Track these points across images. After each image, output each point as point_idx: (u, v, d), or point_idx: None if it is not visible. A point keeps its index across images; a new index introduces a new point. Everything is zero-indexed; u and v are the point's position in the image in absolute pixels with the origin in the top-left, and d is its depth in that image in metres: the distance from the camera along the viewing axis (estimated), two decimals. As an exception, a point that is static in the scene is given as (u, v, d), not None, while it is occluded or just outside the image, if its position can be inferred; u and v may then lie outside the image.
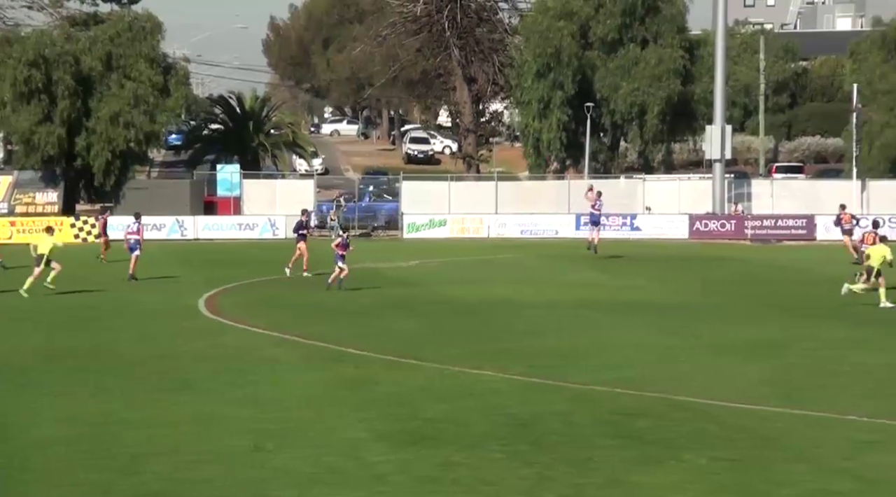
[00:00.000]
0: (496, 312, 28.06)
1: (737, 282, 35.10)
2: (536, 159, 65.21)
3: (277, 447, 15.15)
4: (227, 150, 65.20)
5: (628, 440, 15.19)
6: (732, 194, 55.90)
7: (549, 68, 62.81)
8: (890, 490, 12.87)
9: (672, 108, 63.66)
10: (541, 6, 65.19)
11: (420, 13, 65.86)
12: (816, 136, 77.82)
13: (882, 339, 23.39)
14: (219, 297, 31.34)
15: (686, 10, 65.74)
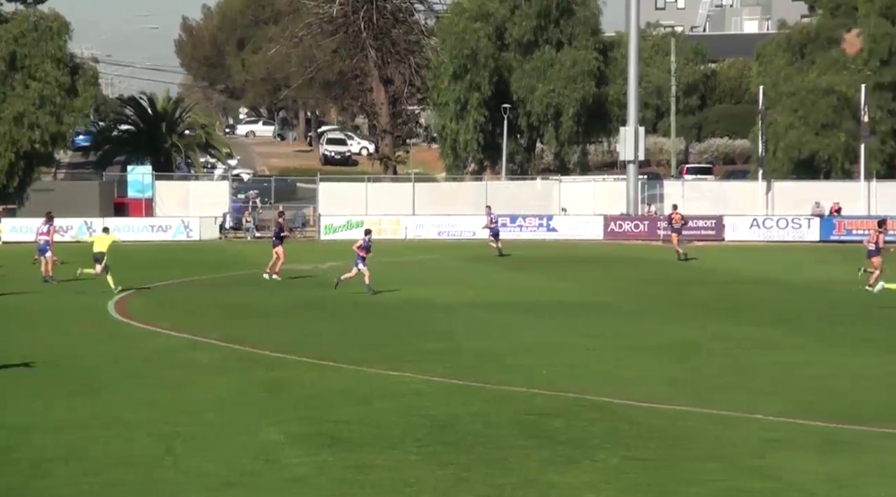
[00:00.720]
0: (414, 314, 28.08)
1: (650, 282, 35.53)
2: (454, 161, 65.41)
3: (190, 451, 15.00)
4: (138, 151, 64.34)
5: (544, 440, 15.31)
6: (645, 195, 56.56)
7: (465, 70, 63.05)
8: (799, 488, 13.12)
9: (587, 110, 64.27)
10: (457, 8, 65.40)
11: (336, 14, 65.64)
12: (725, 138, 79.07)
13: (788, 338, 23.85)
14: (129, 299, 30.94)
15: (599, 13, 66.45)
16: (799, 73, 59.83)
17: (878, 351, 22.10)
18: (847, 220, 51.64)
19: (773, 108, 58.61)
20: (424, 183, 61.22)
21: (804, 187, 55.22)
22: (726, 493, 12.96)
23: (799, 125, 58.41)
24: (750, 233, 51.90)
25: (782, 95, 59.24)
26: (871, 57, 57.99)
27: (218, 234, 53.36)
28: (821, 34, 61.30)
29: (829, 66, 59.56)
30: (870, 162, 55.25)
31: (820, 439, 15.19)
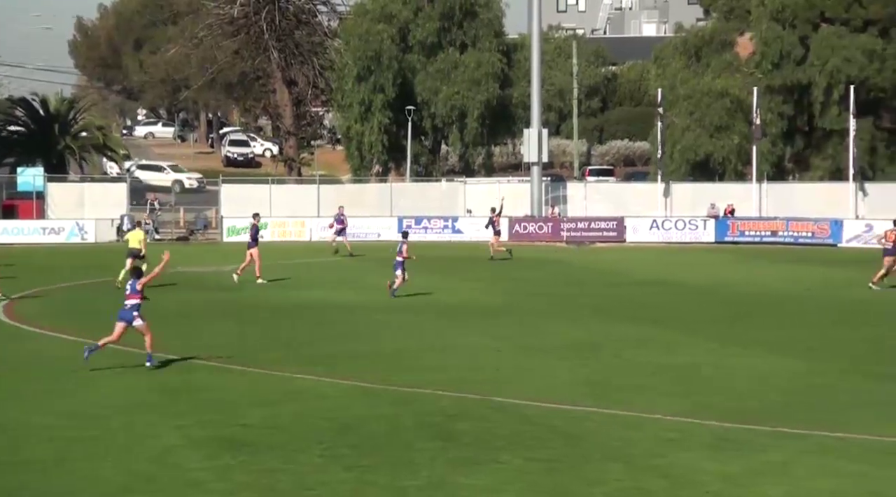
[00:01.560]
0: (320, 316, 27.96)
1: (554, 283, 35.85)
2: (359, 162, 65.32)
3: (88, 456, 14.77)
4: (29, 152, 63.01)
5: (449, 442, 15.36)
6: (549, 197, 57.06)
7: (369, 71, 62.99)
8: (694, 487, 13.35)
9: (491, 112, 64.66)
10: (360, 9, 65.31)
11: (237, 15, 65.05)
12: (625, 140, 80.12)
13: (686, 339, 24.24)
14: (19, 303, 30.30)
15: (502, 15, 66.88)
16: (695, 76, 60.85)
17: (772, 351, 22.58)
18: (740, 222, 52.69)
19: (671, 110, 59.53)
20: (329, 185, 60.98)
21: (700, 189, 56.22)
22: (627, 492, 13.14)
23: (695, 127, 59.43)
24: (650, 234, 52.67)
25: (679, 98, 60.21)
26: (763, 60, 59.19)
27: (115, 236, 52.55)
28: (715, 38, 62.41)
29: (724, 69, 60.69)
30: (761, 164, 56.44)
31: (716, 439, 15.47)
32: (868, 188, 53.90)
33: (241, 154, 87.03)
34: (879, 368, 20.63)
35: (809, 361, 21.38)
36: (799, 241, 50.66)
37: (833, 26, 58.37)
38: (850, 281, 35.57)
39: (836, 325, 26.15)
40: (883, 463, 14.17)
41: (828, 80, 57.66)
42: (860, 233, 50.25)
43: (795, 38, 58.77)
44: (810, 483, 13.36)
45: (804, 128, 60.65)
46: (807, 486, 13.23)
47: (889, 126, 60.00)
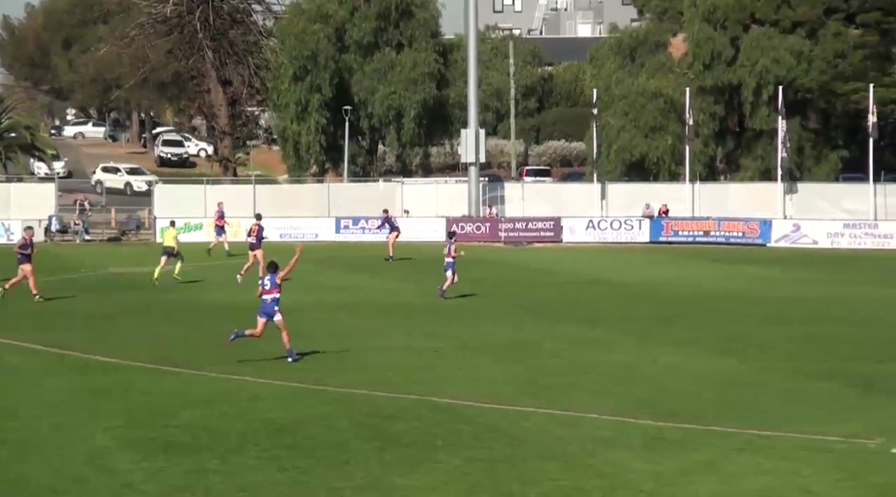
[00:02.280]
0: (252, 317, 27.73)
1: (491, 283, 35.92)
2: (295, 162, 65.02)
3: (17, 458, 14.55)
4: (-46, 152, 62.08)
5: (386, 442, 15.33)
6: (487, 197, 57.18)
7: (305, 71, 62.74)
8: (628, 486, 13.45)
9: (428, 112, 64.68)
10: (295, 9, 65.03)
11: (170, 14, 64.40)
12: (562, 140, 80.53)
13: (621, 338, 24.41)
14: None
15: (439, 15, 66.92)
16: (629, 77, 61.28)
17: (705, 350, 22.82)
18: (674, 222, 53.19)
19: (606, 110, 59.92)
20: (265, 185, 60.64)
21: (635, 189, 56.64)
22: (563, 492, 13.20)
23: (630, 128, 59.85)
24: (586, 234, 53.00)
25: (614, 98, 60.61)
26: (695, 60, 59.78)
27: (43, 236, 51.88)
28: (649, 38, 62.88)
29: (657, 70, 61.17)
30: (694, 164, 57.03)
31: (649, 438, 15.59)
32: (796, 188, 54.75)
33: (175, 154, 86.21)
34: (808, 366, 20.93)
35: (741, 360, 21.63)
36: (730, 240, 51.27)
37: (762, 27, 59.13)
38: (780, 280, 36.08)
39: (765, 324, 26.47)
40: (811, 460, 14.37)
41: (757, 80, 58.39)
42: (788, 232, 50.99)
43: (726, 39, 59.43)
44: (740, 481, 13.51)
45: (735, 128, 61.38)
46: (737, 485, 13.38)
47: (815, 127, 60.86)
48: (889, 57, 60.41)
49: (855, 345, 23.24)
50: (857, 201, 52.74)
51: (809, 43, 58.60)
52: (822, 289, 33.36)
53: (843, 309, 29.12)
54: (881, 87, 55.07)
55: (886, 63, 60.21)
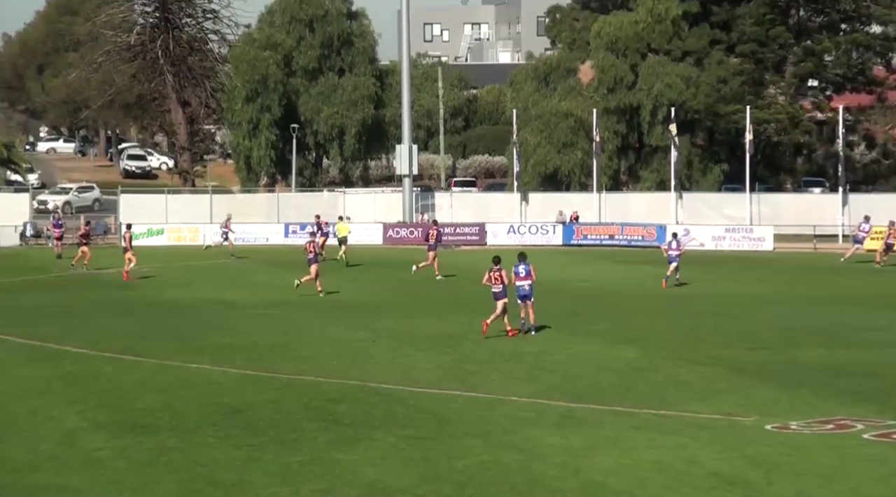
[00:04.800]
0: (211, 312, 27.59)
1: (422, 282, 35.96)
2: (248, 174, 64.56)
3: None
4: (-65, 166, 60.80)
5: (330, 423, 15.35)
6: (419, 205, 57.22)
7: (256, 93, 62.36)
8: (543, 459, 13.62)
9: (367, 130, 64.63)
10: (247, 38, 64.57)
11: (134, 42, 63.76)
12: (486, 155, 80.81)
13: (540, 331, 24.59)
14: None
15: (376, 44, 66.91)
16: (544, 99, 61.67)
17: (607, 340, 23.04)
18: (584, 227, 53.72)
19: (524, 128, 60.26)
20: (221, 194, 60.14)
21: (550, 198, 57.06)
22: (486, 464, 13.34)
23: (545, 144, 60.25)
24: (507, 238, 53.22)
25: (531, 118, 60.95)
26: (600, 85, 60.38)
27: (18, 241, 51.05)
28: (561, 65, 63.36)
29: (568, 93, 61.64)
30: (601, 176, 57.58)
31: (561, 417, 15.78)
32: (685, 196, 55.61)
33: (139, 167, 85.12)
34: (693, 354, 21.18)
35: (637, 349, 21.88)
36: (632, 243, 51.80)
37: (658, 56, 59.96)
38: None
39: (658, 317, 26.75)
40: (697, 435, 14.64)
41: (653, 102, 59.13)
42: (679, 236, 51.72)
43: (627, 66, 60.12)
44: (638, 454, 13.74)
45: (635, 144, 62.06)
46: (636, 457, 13.61)
47: (702, 143, 62.00)
48: (763, 83, 61.63)
49: (730, 335, 23.59)
50: (736, 209, 53.82)
51: (697, 70, 59.62)
52: (704, 287, 33.81)
53: (721, 304, 29.53)
54: (756, 109, 56.18)
55: (761, 88, 61.42)
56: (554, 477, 12.81)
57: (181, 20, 64.95)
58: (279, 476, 12.75)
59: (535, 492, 12.26)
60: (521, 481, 12.63)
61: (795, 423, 15.17)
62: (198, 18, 65.89)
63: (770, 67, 61.49)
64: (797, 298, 30.76)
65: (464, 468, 13.09)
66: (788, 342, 22.54)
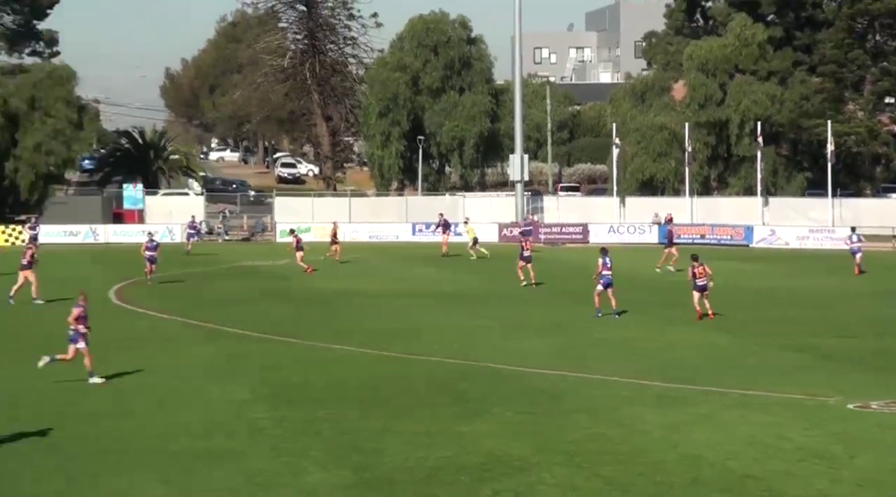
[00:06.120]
0: (350, 300, 27.98)
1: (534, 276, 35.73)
2: (380, 180, 65.35)
3: (177, 406, 14.88)
4: (131, 172, 63.05)
5: (454, 398, 15.42)
6: (529, 207, 57.04)
7: (388, 109, 63.02)
8: (643, 433, 13.43)
9: (484, 141, 64.73)
10: (381, 61, 65.27)
11: (287, 66, 65.26)
12: (588, 163, 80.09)
13: (633, 318, 24.22)
14: (126, 289, 30.34)
15: (492, 65, 66.96)
16: (641, 114, 60.95)
17: (701, 328, 22.59)
18: (677, 227, 52.72)
19: (623, 140, 59.58)
20: (358, 198, 60.97)
21: (646, 202, 56.23)
22: (592, 437, 13.22)
23: (641, 154, 59.54)
24: (608, 236, 52.54)
25: (629, 131, 60.25)
26: (692, 102, 59.48)
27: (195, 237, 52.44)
28: (656, 84, 62.63)
29: (662, 109, 60.85)
30: (692, 182, 56.57)
31: (659, 396, 15.54)
32: (771, 201, 54.36)
33: (291, 173, 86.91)
34: (782, 341, 20.66)
35: (729, 336, 21.42)
36: (721, 242, 50.64)
37: (745, 75, 58.83)
38: (760, 273, 35.60)
39: (748, 308, 26.13)
40: (785, 414, 14.27)
41: (741, 117, 58.00)
42: (766, 236, 50.50)
43: (716, 84, 59.18)
44: (731, 430, 13.45)
45: (724, 154, 60.80)
46: (728, 432, 13.33)
47: (786, 153, 60.47)
48: (843, 99, 59.66)
49: (818, 325, 22.90)
50: (819, 212, 52.28)
51: (781, 88, 58.31)
52: (791, 280, 32.88)
53: (808, 297, 28.66)
54: (837, 123, 54.50)
55: (840, 104, 59.48)
56: (653, 449, 12.63)
57: (326, 46, 66.08)
58: (411, 444, 12.86)
59: (636, 462, 12.09)
60: (624, 452, 12.48)
61: (876, 403, 14.66)
62: (339, 45, 66.96)
63: (849, 86, 59.43)
64: (881, 292, 29.59)
65: (572, 440, 13.00)
66: (874, 331, 21.77)
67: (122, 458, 12.28)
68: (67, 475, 11.68)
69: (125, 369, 17.63)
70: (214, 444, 12.87)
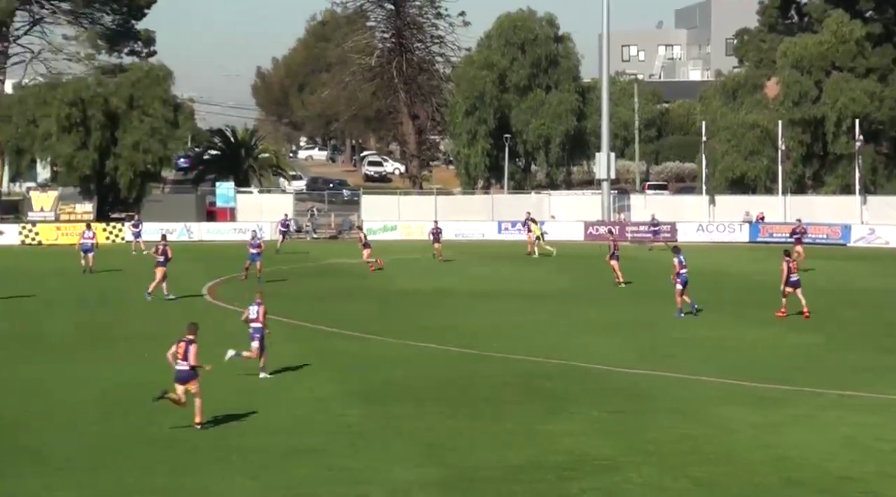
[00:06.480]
0: (435, 299, 28.03)
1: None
2: (466, 178, 65.39)
3: (266, 401, 15.08)
4: (223, 170, 64.40)
5: (535, 396, 15.32)
6: (616, 206, 56.38)
7: (475, 107, 62.99)
8: (734, 433, 13.13)
9: (570, 139, 64.20)
10: (468, 60, 65.27)
11: (374, 64, 65.75)
12: (676, 162, 78.81)
13: (717, 317, 23.71)
14: (218, 286, 30.99)
15: (579, 63, 66.34)
16: (732, 112, 59.72)
17: (791, 328, 21.98)
18: (769, 226, 51.55)
19: (712, 138, 58.43)
20: (444, 196, 61.10)
21: (737, 200, 55.07)
22: (678, 437, 12.97)
23: (732, 152, 58.35)
24: (696, 235, 51.63)
25: (719, 129, 59.10)
26: (786, 99, 57.99)
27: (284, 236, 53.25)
28: (748, 81, 61.35)
29: (754, 106, 59.55)
30: (785, 181, 55.18)
31: (748, 396, 15.18)
32: (870, 200, 52.61)
33: (377, 172, 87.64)
34: (878, 342, 19.99)
35: (822, 335, 20.80)
36: (816, 241, 49.25)
37: (842, 73, 57.10)
38: (857, 273, 34.50)
39: (842, 307, 25.34)
40: (883, 415, 13.83)
41: (838, 115, 56.36)
42: (865, 235, 48.94)
43: (812, 82, 57.61)
44: (828, 431, 13.07)
45: (819, 152, 59.13)
46: (823, 433, 12.95)
47: (886, 151, 58.45)
48: (943, 97, 57.49)
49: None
50: (920, 210, 50.43)
51: (880, 85, 56.42)
52: (890, 280, 31.74)
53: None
54: (938, 121, 52.54)
55: (941, 102, 57.34)
56: (743, 449, 12.33)
57: (413, 45, 66.40)
58: (493, 442, 12.80)
59: (726, 463, 11.82)
60: (712, 453, 12.22)
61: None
62: (427, 43, 67.18)
63: (952, 83, 57.21)
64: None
65: (657, 440, 12.78)
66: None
67: (211, 454, 12.50)
68: (162, 469, 11.95)
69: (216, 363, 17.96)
70: (300, 440, 13.02)
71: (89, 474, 11.69)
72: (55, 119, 52.08)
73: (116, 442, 12.93)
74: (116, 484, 11.35)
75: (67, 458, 12.36)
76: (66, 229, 50.07)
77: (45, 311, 24.91)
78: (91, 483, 11.37)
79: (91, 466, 11.99)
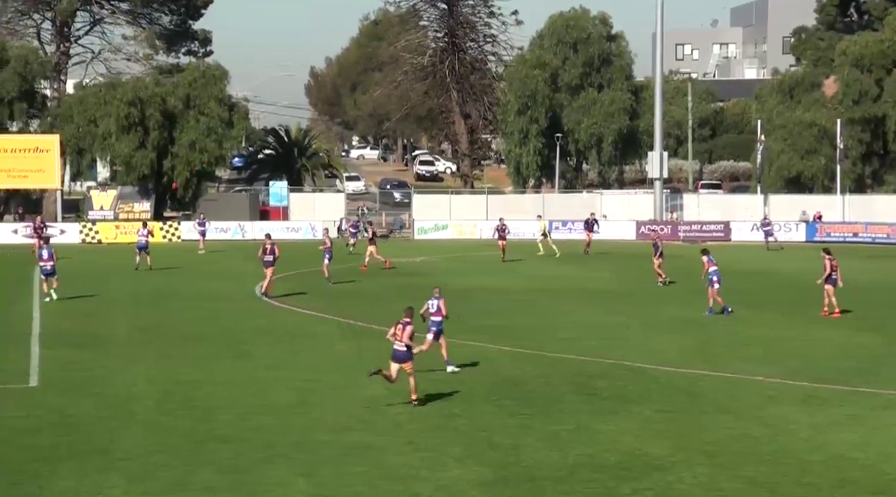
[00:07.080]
0: (487, 297, 28.07)
1: (670, 274, 35.06)
2: (517, 177, 65.29)
3: (318, 401, 15.25)
4: (277, 170, 65.10)
5: (591, 396, 15.29)
6: (668, 205, 55.89)
7: (527, 107, 62.89)
8: (790, 434, 12.99)
9: (622, 138, 63.81)
10: (520, 59, 65.18)
11: (426, 64, 65.88)
12: (731, 161, 77.90)
13: (773, 317, 23.44)
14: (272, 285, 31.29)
15: (632, 62, 65.95)
16: (788, 110, 58.90)
17: (848, 328, 21.68)
18: (827, 225, 50.69)
19: (768, 137, 57.66)
20: (495, 195, 61.11)
21: (793, 199, 54.32)
22: (735, 437, 12.88)
23: (788, 151, 57.52)
24: (751, 235, 51.03)
25: (775, 127, 58.31)
26: (845, 98, 56.98)
27: (336, 234, 53.69)
28: (805, 80, 60.47)
29: (812, 105, 58.65)
30: (844, 180, 54.20)
31: (805, 396, 15.01)
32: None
33: (428, 171, 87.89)
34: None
35: (881, 336, 20.47)
36: (876, 241, 48.39)
37: (903, 71, 56.00)
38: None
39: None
40: (945, 421, 13.51)
41: (900, 113, 55.24)
42: (929, 234, 47.96)
43: (872, 80, 56.56)
44: (883, 432, 12.88)
45: (879, 151, 58.06)
46: (881, 434, 12.77)
47: (949, 151, 57.15)
48: None
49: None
50: None
51: (944, 84, 55.08)
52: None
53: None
54: None
55: None
56: (800, 450, 12.21)
57: (466, 44, 66.42)
58: (548, 442, 12.82)
59: (781, 463, 11.71)
60: (768, 453, 12.11)
61: None
62: (479, 42, 67.17)
63: None
64: None
65: (714, 440, 12.70)
66: None
67: (265, 451, 12.67)
68: (219, 467, 12.15)
69: (269, 363, 18.21)
70: (353, 438, 13.14)
71: (144, 470, 11.92)
72: (114, 119, 53.09)
73: (173, 439, 13.17)
74: (170, 481, 11.56)
75: (125, 451, 12.61)
76: (124, 228, 51.03)
77: (108, 311, 25.43)
78: (145, 477, 11.59)
79: (146, 463, 12.22)
